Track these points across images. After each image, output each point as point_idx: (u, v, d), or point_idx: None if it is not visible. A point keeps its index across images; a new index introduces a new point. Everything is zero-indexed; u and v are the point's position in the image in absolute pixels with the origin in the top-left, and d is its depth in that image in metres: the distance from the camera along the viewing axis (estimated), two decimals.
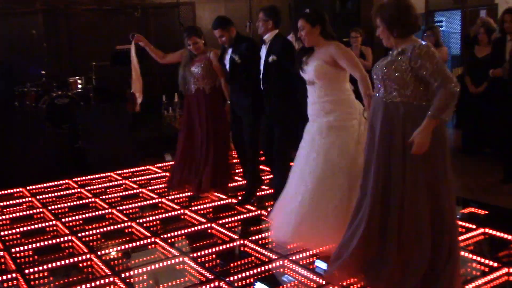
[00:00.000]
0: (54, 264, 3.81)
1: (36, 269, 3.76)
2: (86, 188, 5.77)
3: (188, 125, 5.33)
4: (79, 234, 4.37)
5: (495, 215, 4.49)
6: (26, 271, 3.74)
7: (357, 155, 3.64)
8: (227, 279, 3.46)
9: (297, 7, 9.53)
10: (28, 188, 5.80)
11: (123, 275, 3.58)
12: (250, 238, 4.12)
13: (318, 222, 3.66)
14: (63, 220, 4.74)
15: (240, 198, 5.11)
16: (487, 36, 6.22)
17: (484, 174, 5.84)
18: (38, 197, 5.48)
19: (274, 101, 4.50)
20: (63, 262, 3.84)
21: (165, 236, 4.26)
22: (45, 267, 3.78)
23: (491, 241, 3.94)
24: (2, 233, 4.51)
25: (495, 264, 3.50)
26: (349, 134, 3.69)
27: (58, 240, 4.31)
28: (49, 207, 5.13)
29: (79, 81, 7.88)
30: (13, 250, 4.12)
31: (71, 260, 3.89)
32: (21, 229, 4.59)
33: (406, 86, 2.90)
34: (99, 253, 3.98)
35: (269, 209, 4.76)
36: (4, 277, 3.65)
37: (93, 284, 3.49)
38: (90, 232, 4.42)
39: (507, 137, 5.34)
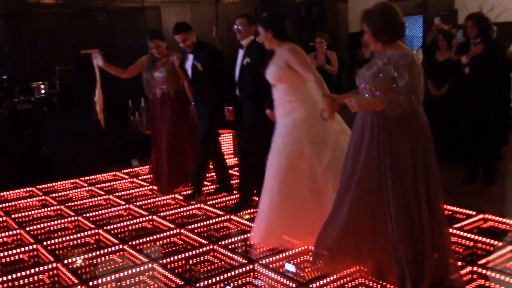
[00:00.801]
0: (18, 274, 3.72)
1: (0, 279, 3.66)
2: (51, 195, 5.65)
3: (156, 128, 5.39)
4: (45, 243, 4.27)
5: (458, 215, 4.61)
6: None
7: (320, 154, 3.70)
8: (197, 284, 3.45)
9: (264, 11, 9.59)
10: None
11: (91, 284, 3.52)
12: (219, 243, 4.12)
13: (287, 225, 3.74)
14: (27, 228, 4.63)
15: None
16: (446, 42, 6.40)
17: (446, 174, 5.97)
18: (0, 206, 5.33)
19: (247, 104, 4.55)
20: (28, 272, 3.75)
21: (133, 242, 4.22)
22: (9, 277, 3.68)
23: (455, 241, 4.04)
24: None
25: (459, 263, 3.59)
26: (309, 134, 3.74)
27: (22, 249, 4.20)
28: (13, 216, 5.00)
29: (42, 86, 7.70)
30: None
31: (37, 269, 3.79)
32: None
33: (394, 94, 2.95)
34: (65, 261, 3.90)
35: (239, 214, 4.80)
36: None
37: None
38: (56, 241, 4.33)
39: (468, 138, 5.49)
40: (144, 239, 4.29)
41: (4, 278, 3.67)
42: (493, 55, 5.26)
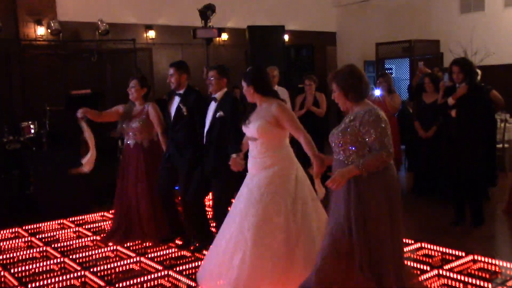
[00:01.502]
0: None
1: None
2: (37, 236, 5.56)
3: (124, 178, 5.31)
4: (29, 286, 4.17)
5: (448, 257, 4.60)
6: None
7: (295, 211, 3.71)
8: None
9: (254, 55, 9.76)
10: None
11: None
12: None
13: (259, 278, 3.64)
14: (11, 270, 4.54)
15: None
16: (432, 84, 6.56)
17: (435, 215, 6.01)
18: None
19: (214, 155, 4.53)
20: None
21: (121, 285, 4.14)
22: None
23: (445, 283, 4.02)
24: None
25: None
26: (286, 190, 3.75)
27: None
28: None
29: (31, 126, 7.71)
30: None
31: None
32: None
33: (362, 147, 3.16)
34: None
35: None
36: None
37: None
38: (41, 283, 4.23)
39: (456, 179, 5.52)
40: (132, 281, 4.22)
41: None
42: (478, 97, 5.38)
